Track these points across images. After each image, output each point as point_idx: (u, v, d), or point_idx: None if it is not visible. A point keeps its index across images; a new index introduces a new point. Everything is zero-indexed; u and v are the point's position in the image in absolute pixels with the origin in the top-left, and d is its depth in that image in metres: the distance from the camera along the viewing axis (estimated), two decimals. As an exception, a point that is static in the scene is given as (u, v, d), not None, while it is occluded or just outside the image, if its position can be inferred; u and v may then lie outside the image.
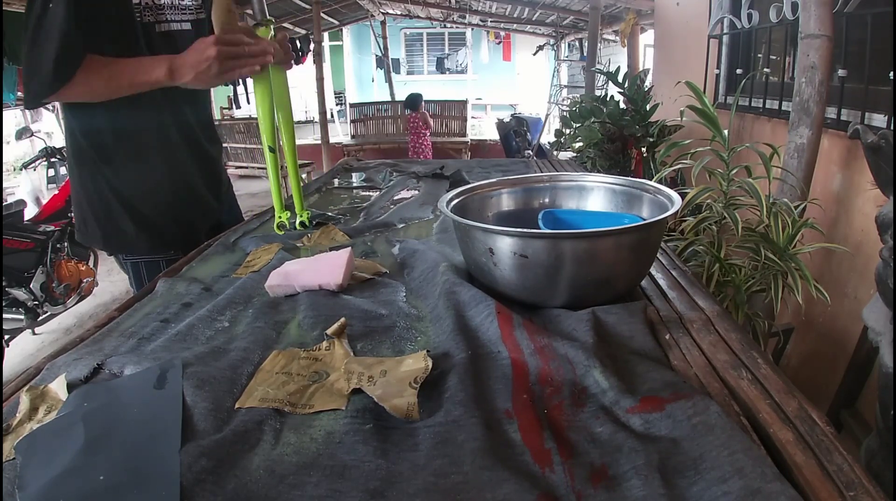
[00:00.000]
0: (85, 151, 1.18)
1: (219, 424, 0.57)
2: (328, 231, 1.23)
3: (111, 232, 1.23)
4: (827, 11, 1.65)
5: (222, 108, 8.00)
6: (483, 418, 0.55)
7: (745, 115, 2.46)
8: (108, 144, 1.17)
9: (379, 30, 9.14)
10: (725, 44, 2.79)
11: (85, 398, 0.61)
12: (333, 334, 0.73)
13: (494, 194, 1.04)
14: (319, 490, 0.48)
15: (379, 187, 1.76)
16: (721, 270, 1.57)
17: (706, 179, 1.81)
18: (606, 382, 0.60)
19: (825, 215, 1.78)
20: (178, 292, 0.93)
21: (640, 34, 5.53)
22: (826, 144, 1.78)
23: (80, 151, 1.18)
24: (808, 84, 1.70)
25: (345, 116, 8.55)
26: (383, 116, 7.50)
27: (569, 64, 9.93)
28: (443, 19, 9.69)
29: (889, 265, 0.88)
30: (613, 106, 3.38)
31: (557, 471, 0.50)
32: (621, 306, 0.77)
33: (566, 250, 0.74)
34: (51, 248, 2.85)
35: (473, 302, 0.76)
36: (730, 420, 0.52)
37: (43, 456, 0.53)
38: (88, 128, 1.16)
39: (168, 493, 0.47)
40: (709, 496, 0.45)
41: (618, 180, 1.00)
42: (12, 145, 7.29)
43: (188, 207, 1.29)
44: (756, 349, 0.69)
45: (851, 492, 0.45)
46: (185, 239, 1.27)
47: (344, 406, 0.59)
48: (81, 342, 0.77)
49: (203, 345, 0.74)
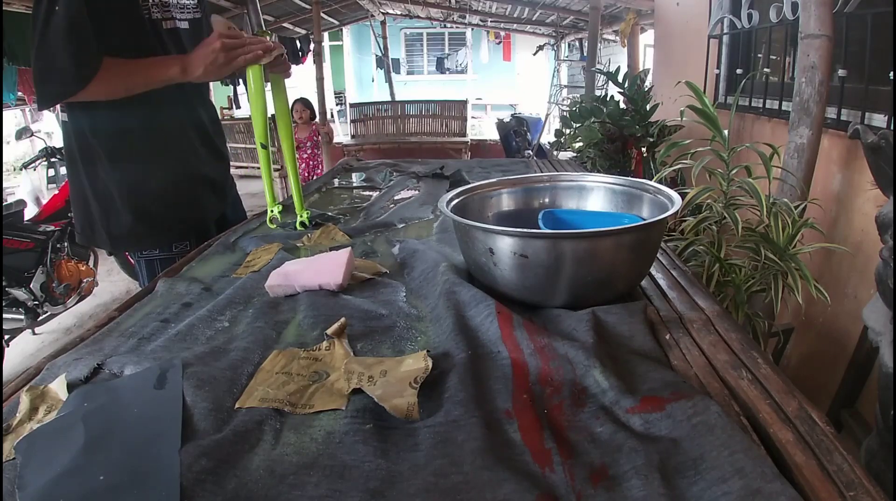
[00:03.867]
0: (89, 151, 1.18)
1: (219, 424, 0.57)
2: (328, 231, 1.23)
3: (118, 231, 1.23)
4: (827, 11, 1.65)
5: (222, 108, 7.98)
6: (483, 418, 0.55)
7: (745, 115, 2.46)
8: (116, 142, 1.18)
9: (379, 30, 9.14)
10: (725, 44, 2.79)
11: (85, 399, 0.61)
12: (333, 334, 0.73)
13: (494, 194, 1.04)
14: (319, 490, 0.48)
15: (379, 187, 1.75)
16: (721, 270, 1.57)
17: (706, 180, 1.81)
18: (606, 382, 0.60)
19: (825, 215, 1.78)
20: (178, 292, 0.93)
21: (640, 34, 5.53)
22: (826, 144, 1.78)
23: (83, 151, 1.19)
24: (808, 84, 1.70)
25: (345, 116, 8.55)
26: (383, 116, 7.50)
27: (569, 64, 9.93)
28: (443, 19, 9.69)
29: (889, 265, 0.88)
30: (613, 106, 3.38)
31: (557, 471, 0.50)
32: (621, 306, 0.77)
33: (566, 250, 0.74)
34: (51, 248, 2.85)
35: (473, 302, 0.76)
36: (730, 420, 0.52)
37: (43, 456, 0.53)
38: (95, 126, 1.16)
39: (168, 493, 0.47)
40: (709, 496, 0.45)
41: (618, 180, 1.00)
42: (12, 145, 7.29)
43: (198, 198, 1.31)
44: (756, 349, 0.69)
45: (851, 492, 0.45)
46: (197, 230, 1.30)
47: (344, 406, 0.59)
48: (81, 341, 0.77)
49: (203, 345, 0.74)
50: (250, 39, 1.11)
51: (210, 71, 1.09)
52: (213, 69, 1.08)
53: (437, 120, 7.44)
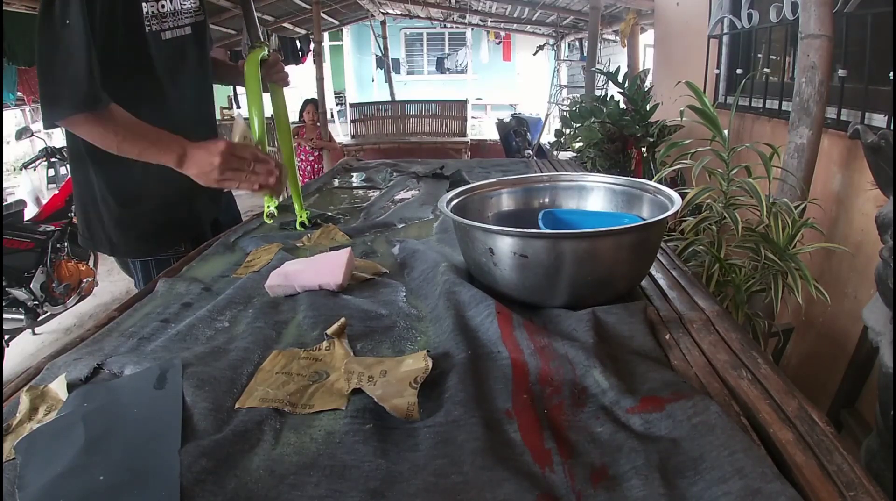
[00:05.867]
0: (90, 155, 1.18)
1: (219, 424, 0.57)
2: (328, 231, 1.23)
3: (119, 237, 1.23)
4: (827, 11, 1.65)
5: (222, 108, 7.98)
6: (483, 418, 0.55)
7: (745, 115, 2.46)
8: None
9: (379, 30, 9.14)
10: (725, 44, 2.79)
11: (85, 399, 0.61)
12: (333, 334, 0.73)
13: (494, 194, 1.04)
14: (319, 490, 0.48)
15: (379, 187, 1.75)
16: (721, 270, 1.57)
17: (706, 180, 1.80)
18: (606, 382, 0.60)
19: (825, 215, 1.78)
20: (178, 292, 0.93)
21: (640, 34, 5.53)
22: (826, 144, 1.78)
23: (84, 155, 1.18)
24: (808, 84, 1.70)
25: (345, 116, 8.54)
26: (383, 116, 7.50)
27: (569, 64, 9.93)
28: (443, 19, 9.69)
29: (889, 265, 0.88)
30: (613, 106, 3.38)
31: (557, 471, 0.50)
32: (621, 306, 0.77)
33: (566, 250, 0.74)
34: (51, 248, 2.85)
35: (473, 302, 0.76)
36: (730, 420, 0.52)
37: (43, 456, 0.53)
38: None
39: (168, 493, 0.47)
40: (709, 496, 0.45)
41: (618, 180, 1.00)
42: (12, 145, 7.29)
43: (197, 201, 1.31)
44: (756, 349, 0.69)
45: (851, 492, 0.45)
46: (193, 233, 1.29)
47: (344, 406, 0.59)
48: (81, 341, 0.77)
49: (203, 345, 0.74)
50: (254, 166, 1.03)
51: (201, 179, 1.03)
52: (203, 179, 1.03)
53: (437, 120, 7.43)
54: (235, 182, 1.04)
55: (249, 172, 1.03)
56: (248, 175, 1.03)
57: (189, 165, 1.03)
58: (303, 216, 1.29)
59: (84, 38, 0.98)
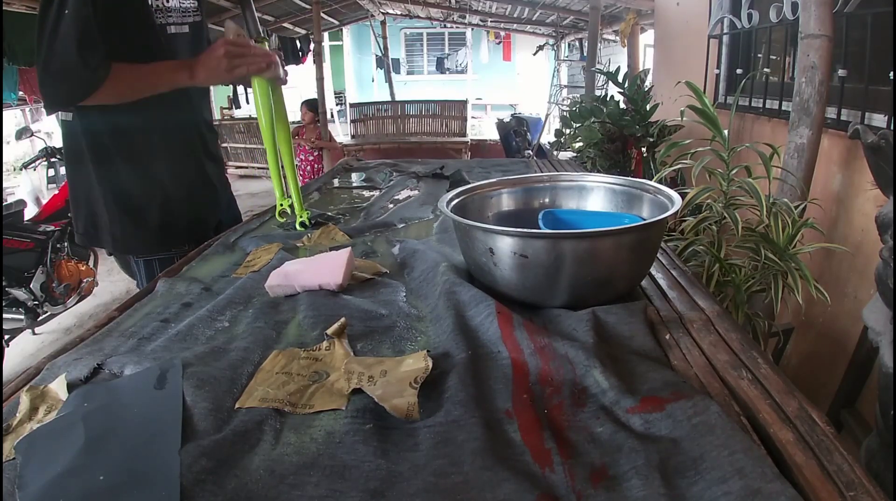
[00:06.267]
0: (92, 153, 1.18)
1: (219, 424, 0.57)
2: (328, 231, 1.23)
3: (120, 233, 1.24)
4: (827, 11, 1.65)
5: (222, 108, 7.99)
6: (483, 418, 0.55)
7: (745, 115, 2.46)
8: (119, 144, 1.18)
9: (379, 30, 9.14)
10: (725, 44, 2.79)
11: (85, 399, 0.61)
12: (333, 334, 0.73)
13: (494, 194, 1.04)
14: (319, 490, 0.48)
15: (379, 187, 1.75)
16: (721, 270, 1.57)
17: (706, 180, 1.80)
18: (606, 382, 0.60)
19: (825, 215, 1.78)
20: (178, 292, 0.93)
21: (640, 34, 5.52)
22: (826, 144, 1.78)
23: (85, 154, 1.19)
24: (808, 84, 1.70)
25: (345, 116, 8.55)
26: (383, 116, 7.50)
27: (569, 64, 9.93)
28: (443, 19, 9.69)
29: (889, 265, 0.88)
30: (613, 106, 3.38)
31: (557, 471, 0.50)
32: (621, 306, 0.77)
33: (566, 250, 0.74)
34: (51, 248, 2.85)
35: (473, 302, 0.76)
36: (730, 420, 0.52)
37: (43, 456, 0.53)
38: (96, 128, 1.16)
39: (168, 493, 0.47)
40: (709, 496, 0.45)
41: (618, 180, 1.00)
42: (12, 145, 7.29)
43: (198, 200, 1.32)
44: (756, 349, 0.69)
45: (851, 492, 0.45)
46: (197, 232, 1.30)
47: (344, 406, 0.59)
48: (81, 341, 0.77)
49: (203, 345, 0.73)
50: (255, 50, 1.13)
51: (212, 77, 1.11)
52: (215, 75, 1.11)
53: (437, 120, 7.44)
54: (244, 67, 1.12)
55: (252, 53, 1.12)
56: (252, 58, 1.12)
57: (199, 71, 1.11)
58: (303, 216, 1.29)
59: (81, 24, 1.01)
